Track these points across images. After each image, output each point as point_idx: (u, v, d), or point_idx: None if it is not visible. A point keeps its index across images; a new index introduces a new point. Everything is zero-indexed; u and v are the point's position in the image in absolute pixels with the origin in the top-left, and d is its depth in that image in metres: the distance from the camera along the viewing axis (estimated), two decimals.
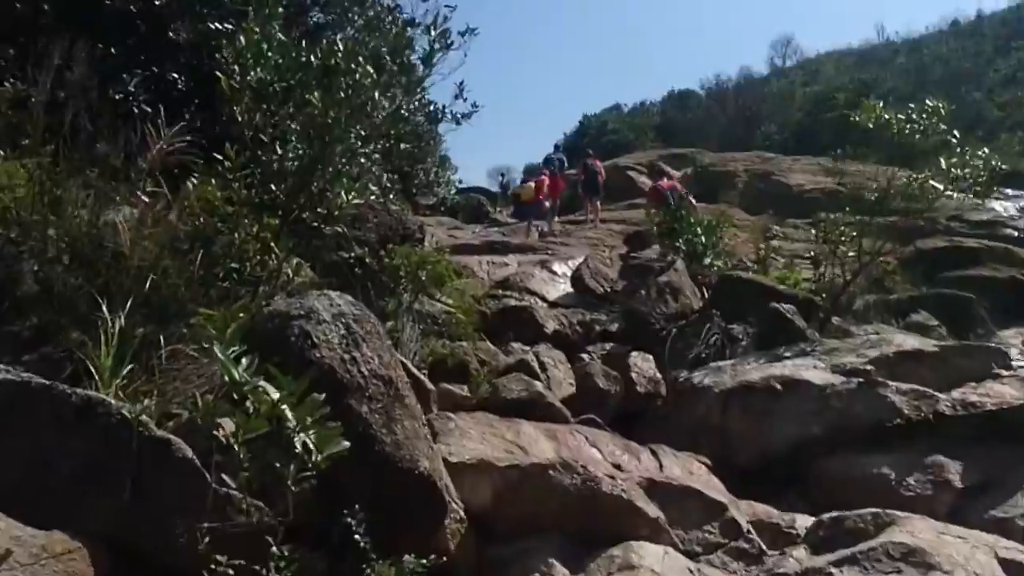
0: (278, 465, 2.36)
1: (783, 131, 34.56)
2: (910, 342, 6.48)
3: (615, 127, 42.45)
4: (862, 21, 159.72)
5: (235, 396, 2.38)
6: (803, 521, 4.53)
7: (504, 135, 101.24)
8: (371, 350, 3.54)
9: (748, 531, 4.35)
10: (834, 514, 4.22)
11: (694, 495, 4.45)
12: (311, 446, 2.19)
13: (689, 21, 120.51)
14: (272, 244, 5.02)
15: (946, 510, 4.85)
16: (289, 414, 2.17)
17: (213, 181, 4.98)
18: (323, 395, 2.34)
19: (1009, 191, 16.08)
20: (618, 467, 5.02)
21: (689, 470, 5.30)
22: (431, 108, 8.37)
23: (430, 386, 5.35)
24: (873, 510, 4.16)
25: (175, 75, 7.00)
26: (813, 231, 9.10)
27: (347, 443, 2.29)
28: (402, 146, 8.95)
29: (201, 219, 4.88)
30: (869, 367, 5.94)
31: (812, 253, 9.78)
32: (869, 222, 8.29)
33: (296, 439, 2.17)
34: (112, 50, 6.61)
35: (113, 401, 2.96)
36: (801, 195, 19.00)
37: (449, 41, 5.63)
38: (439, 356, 6.47)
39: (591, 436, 5.36)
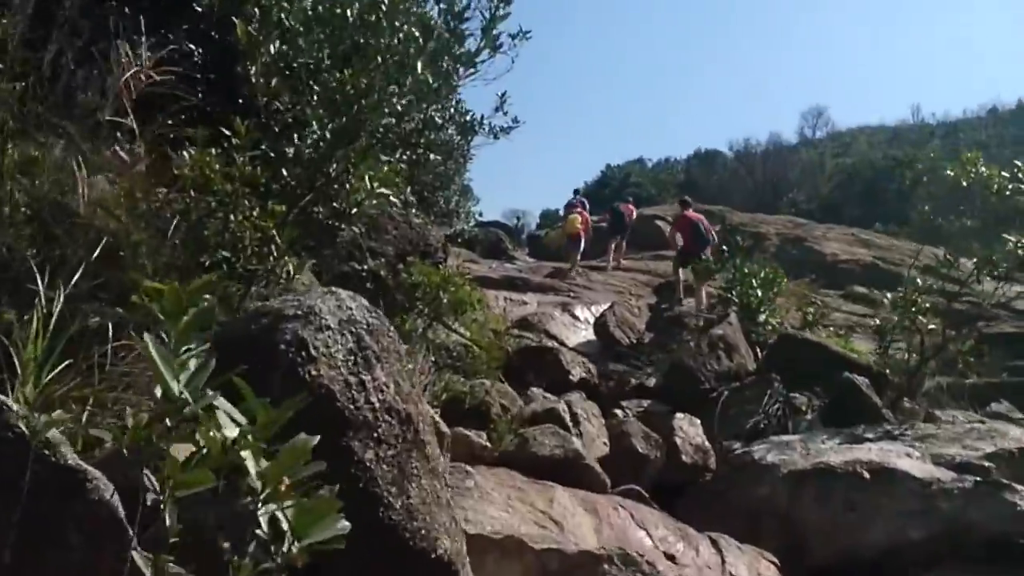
0: (226, 546, 1.38)
1: (811, 200, 33.87)
2: None
3: (638, 180, 42.05)
4: (897, 102, 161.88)
5: (168, 421, 1.41)
6: None
7: (521, 177, 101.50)
8: (386, 374, 2.57)
9: None
10: None
11: None
12: (284, 527, 1.20)
13: (720, 83, 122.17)
14: (274, 234, 4.10)
15: None
16: (251, 466, 1.19)
17: (213, 151, 4.12)
18: (317, 435, 1.36)
19: None
20: (672, 558, 4.00)
21: (757, 570, 4.25)
22: (467, 118, 7.62)
23: (445, 429, 4.36)
24: None
25: (191, 46, 6.24)
26: (889, 294, 8.14)
27: (347, 524, 1.30)
28: (431, 157, 8.11)
29: (191, 193, 3.99)
30: (986, 463, 4.87)
31: (877, 322, 8.79)
32: (955, 295, 7.30)
33: (260, 512, 1.19)
34: (126, 10, 5.86)
35: (15, 406, 2.04)
36: (835, 265, 18.27)
37: (498, 43, 4.90)
38: (454, 394, 5.49)
39: (637, 514, 4.33)
